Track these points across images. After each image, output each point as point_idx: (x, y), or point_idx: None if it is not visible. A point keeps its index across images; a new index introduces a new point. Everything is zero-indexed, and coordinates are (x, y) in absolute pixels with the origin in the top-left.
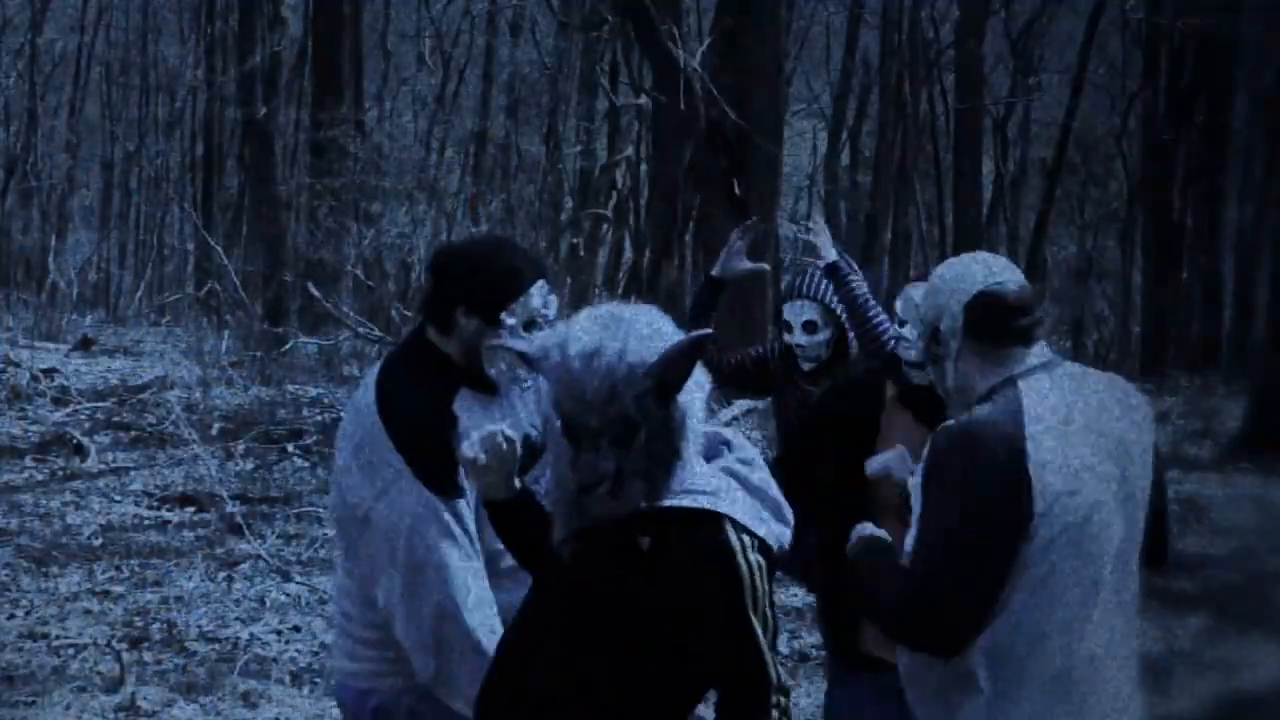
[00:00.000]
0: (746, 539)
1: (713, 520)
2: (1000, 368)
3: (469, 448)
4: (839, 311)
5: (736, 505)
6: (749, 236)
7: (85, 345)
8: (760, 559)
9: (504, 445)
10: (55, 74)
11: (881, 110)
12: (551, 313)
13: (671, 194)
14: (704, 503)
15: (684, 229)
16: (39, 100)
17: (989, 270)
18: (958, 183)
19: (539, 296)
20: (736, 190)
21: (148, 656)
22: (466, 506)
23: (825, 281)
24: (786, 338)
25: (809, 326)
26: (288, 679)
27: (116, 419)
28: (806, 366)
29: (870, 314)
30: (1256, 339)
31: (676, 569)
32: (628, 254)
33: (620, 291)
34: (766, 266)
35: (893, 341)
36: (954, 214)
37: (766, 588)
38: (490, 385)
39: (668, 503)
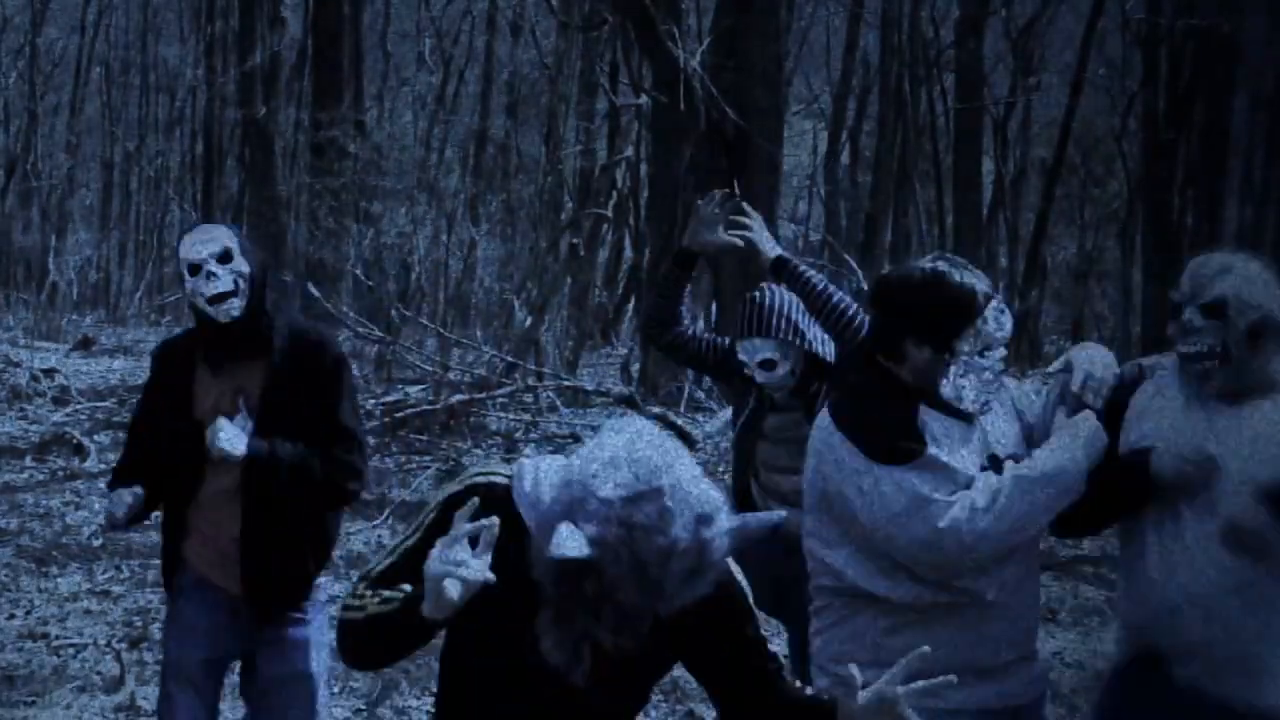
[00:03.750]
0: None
1: None
2: None
3: (451, 587)
4: (797, 340)
5: None
6: (723, 207)
7: (85, 345)
8: None
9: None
10: (55, 74)
11: (881, 110)
12: (1006, 332)
13: (671, 194)
14: None
15: (684, 229)
16: (39, 100)
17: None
18: (958, 183)
19: (993, 320)
20: (736, 190)
21: (148, 656)
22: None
23: (774, 314)
24: (747, 373)
25: (766, 364)
26: None
27: (116, 419)
28: (778, 396)
29: (833, 300)
30: None
31: (700, 605)
32: (628, 254)
33: (620, 291)
34: (739, 243)
35: (862, 321)
36: (954, 214)
37: None
38: (947, 408)
39: None
